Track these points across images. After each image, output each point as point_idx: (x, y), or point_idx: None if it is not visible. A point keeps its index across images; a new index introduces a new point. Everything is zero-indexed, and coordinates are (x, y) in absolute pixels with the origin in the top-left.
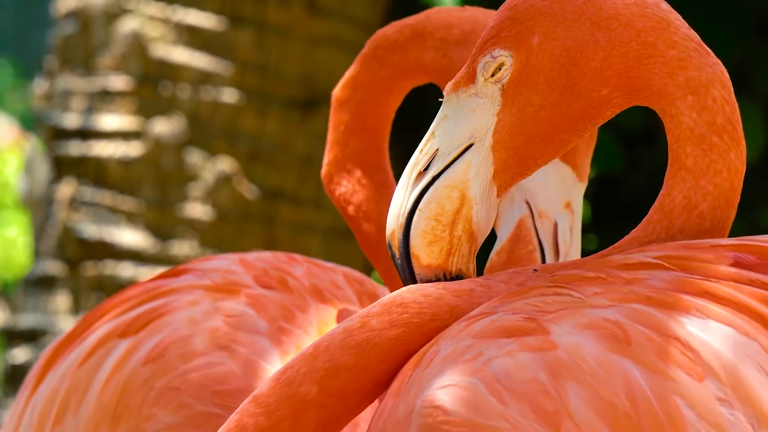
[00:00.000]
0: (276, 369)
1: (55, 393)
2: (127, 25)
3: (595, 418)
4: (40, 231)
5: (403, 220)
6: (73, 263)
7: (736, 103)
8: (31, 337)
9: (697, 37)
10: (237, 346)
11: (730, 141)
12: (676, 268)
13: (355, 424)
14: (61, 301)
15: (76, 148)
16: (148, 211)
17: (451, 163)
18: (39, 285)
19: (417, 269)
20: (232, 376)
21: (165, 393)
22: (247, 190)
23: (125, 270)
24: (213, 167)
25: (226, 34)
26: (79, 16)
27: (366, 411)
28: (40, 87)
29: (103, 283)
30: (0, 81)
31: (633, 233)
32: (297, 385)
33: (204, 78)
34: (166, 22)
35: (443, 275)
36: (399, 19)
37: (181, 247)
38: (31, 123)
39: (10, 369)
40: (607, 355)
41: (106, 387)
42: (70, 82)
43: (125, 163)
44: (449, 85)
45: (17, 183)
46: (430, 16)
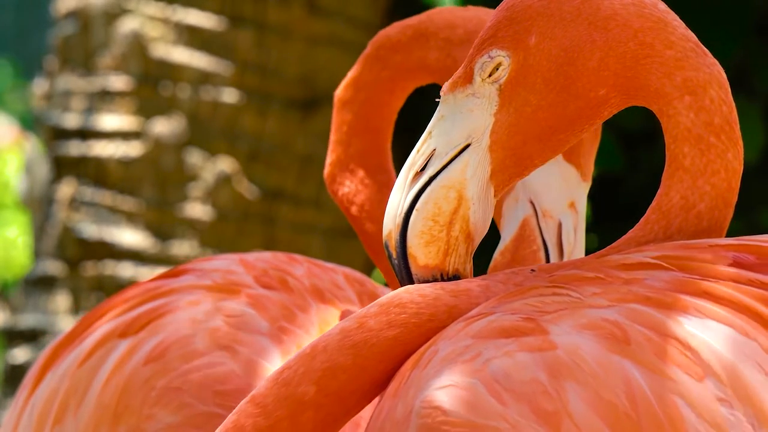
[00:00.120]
0: None
1: (54, 393)
2: (127, 25)
3: (594, 419)
4: (40, 231)
5: (400, 220)
6: (73, 263)
7: (733, 104)
8: (31, 337)
9: (694, 37)
10: (238, 346)
11: (727, 141)
12: (674, 268)
13: (356, 423)
14: (61, 301)
15: (76, 148)
16: (148, 211)
17: (449, 163)
18: (39, 285)
19: (414, 269)
20: (233, 376)
21: (166, 393)
22: (247, 190)
23: (125, 270)
24: (213, 167)
25: (226, 34)
26: (79, 16)
27: (367, 410)
28: (40, 87)
29: (103, 283)
30: (0, 81)
31: (630, 233)
32: (295, 386)
33: (204, 78)
34: (166, 22)
35: (440, 275)
36: (399, 19)
37: (181, 247)
38: (31, 123)
39: (10, 369)
40: (607, 355)
41: (106, 387)
42: (70, 82)
43: (125, 163)
44: (446, 85)
45: (17, 183)
46: (433, 17)
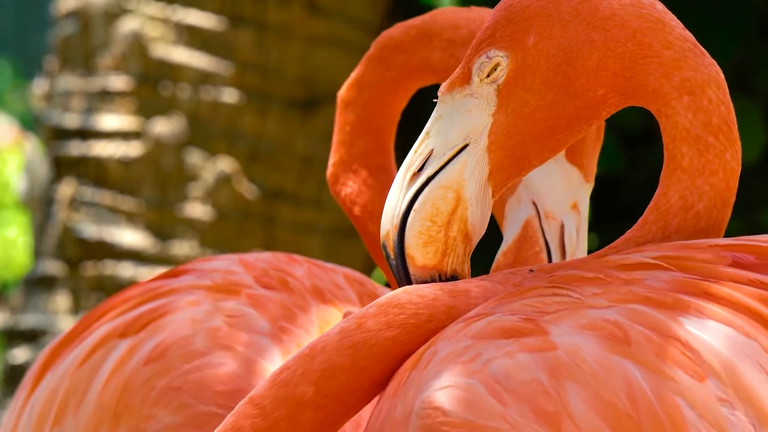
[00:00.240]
0: None
1: (54, 393)
2: (127, 25)
3: (595, 419)
4: (40, 231)
5: (398, 221)
6: (73, 263)
7: (731, 104)
8: (31, 337)
9: (692, 38)
10: (238, 346)
11: (725, 141)
12: (674, 269)
13: (357, 424)
14: (61, 301)
15: (76, 148)
16: (148, 211)
17: (446, 163)
18: (39, 285)
19: (412, 270)
20: (234, 376)
21: (166, 393)
22: (247, 190)
23: (125, 270)
24: (213, 167)
25: (226, 34)
26: (79, 16)
27: (367, 410)
28: (40, 87)
29: (103, 283)
30: (0, 81)
31: (629, 233)
32: (293, 387)
33: (204, 78)
34: (166, 22)
35: (438, 276)
36: (399, 20)
37: (181, 247)
38: (31, 123)
39: (10, 369)
40: (607, 355)
41: (106, 387)
42: (70, 82)
43: (125, 163)
44: (444, 85)
45: (17, 183)
46: (436, 17)
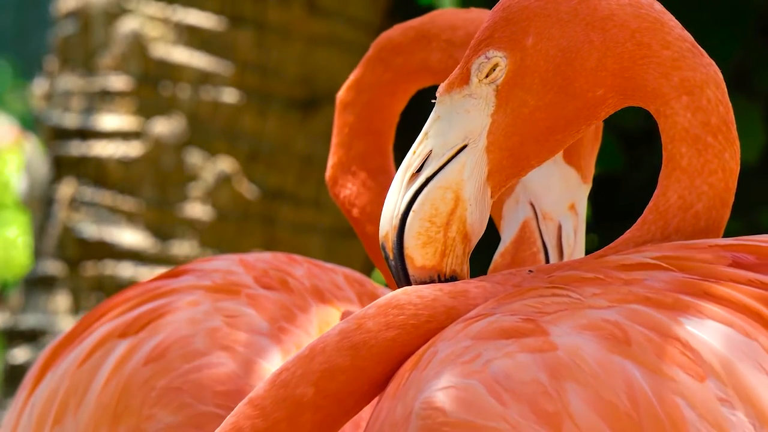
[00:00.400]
0: None
1: (54, 393)
2: (127, 25)
3: (595, 419)
4: (40, 231)
5: (396, 221)
6: (73, 263)
7: (730, 104)
8: (31, 337)
9: (690, 38)
10: (238, 346)
11: (724, 141)
12: (674, 269)
13: (357, 424)
14: (61, 301)
15: (76, 148)
16: (148, 211)
17: (445, 164)
18: (39, 285)
19: (411, 271)
20: (233, 376)
21: (166, 393)
22: (247, 190)
23: (125, 270)
24: (213, 167)
25: (226, 34)
26: (79, 16)
27: (367, 410)
28: (40, 87)
29: (103, 283)
30: (0, 81)
31: (628, 233)
32: (293, 387)
33: (204, 78)
34: (166, 22)
35: (437, 277)
36: (399, 20)
37: (181, 247)
38: (31, 123)
39: (10, 369)
40: (607, 355)
41: (106, 387)
42: (70, 82)
43: (125, 163)
44: (442, 86)
45: (17, 183)
46: (435, 18)
